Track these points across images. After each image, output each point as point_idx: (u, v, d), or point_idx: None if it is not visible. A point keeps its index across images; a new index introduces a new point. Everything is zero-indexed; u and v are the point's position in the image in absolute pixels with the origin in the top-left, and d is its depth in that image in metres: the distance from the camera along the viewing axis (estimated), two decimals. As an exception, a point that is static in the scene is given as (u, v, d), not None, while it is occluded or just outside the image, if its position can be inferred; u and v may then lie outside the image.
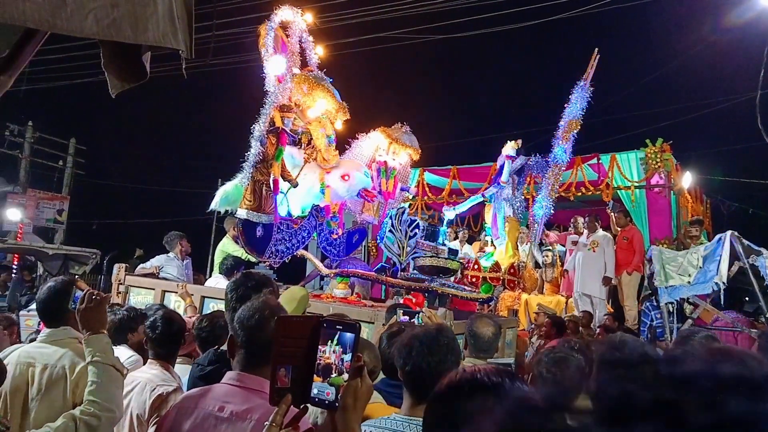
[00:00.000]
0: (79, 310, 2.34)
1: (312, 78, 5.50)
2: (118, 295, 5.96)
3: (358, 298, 6.04)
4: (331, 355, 1.38)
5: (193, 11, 1.95)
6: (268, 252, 5.51)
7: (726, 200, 14.14)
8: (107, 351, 2.31)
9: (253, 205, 5.14)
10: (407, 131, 6.56)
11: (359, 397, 1.37)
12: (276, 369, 1.39)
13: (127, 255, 11.94)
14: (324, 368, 1.38)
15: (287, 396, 1.37)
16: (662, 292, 6.55)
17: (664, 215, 9.49)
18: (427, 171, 11.97)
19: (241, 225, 5.19)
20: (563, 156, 8.93)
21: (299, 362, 1.38)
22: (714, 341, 2.63)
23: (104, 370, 2.26)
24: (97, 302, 2.34)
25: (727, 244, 6.16)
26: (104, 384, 2.24)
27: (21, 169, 17.38)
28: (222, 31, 12.17)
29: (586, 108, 8.53)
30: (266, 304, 1.97)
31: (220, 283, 5.89)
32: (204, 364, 2.68)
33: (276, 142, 5.32)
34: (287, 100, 5.36)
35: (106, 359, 2.28)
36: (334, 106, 5.74)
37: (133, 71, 1.99)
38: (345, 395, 1.36)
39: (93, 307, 2.33)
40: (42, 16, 1.51)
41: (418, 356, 1.99)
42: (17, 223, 15.80)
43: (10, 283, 10.46)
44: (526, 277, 9.43)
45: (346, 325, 1.41)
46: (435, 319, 3.47)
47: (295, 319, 1.56)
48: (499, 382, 1.17)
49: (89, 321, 2.32)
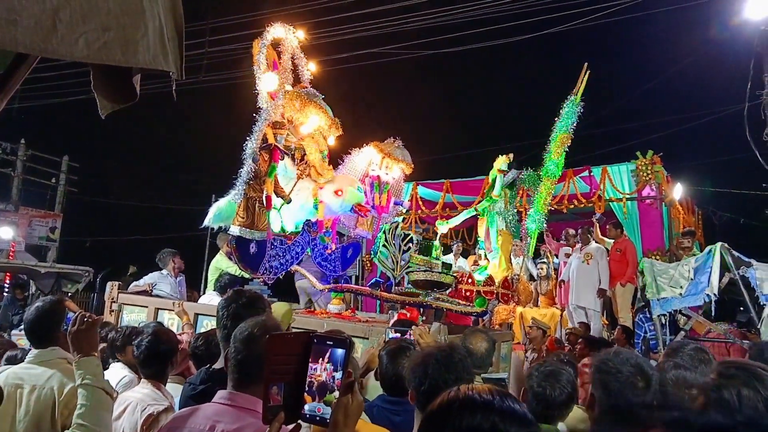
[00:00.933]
0: (70, 332, 2.32)
1: (304, 94, 5.53)
2: (111, 313, 5.94)
3: (352, 313, 6.03)
4: (322, 374, 1.39)
5: (183, 32, 1.97)
6: (262, 268, 5.51)
7: (717, 211, 14.25)
8: (97, 374, 2.29)
9: (245, 221, 5.14)
10: (399, 146, 6.59)
11: (350, 413, 1.38)
12: (268, 387, 1.39)
13: (121, 272, 11.89)
14: (319, 387, 1.38)
15: (280, 414, 1.38)
16: (654, 305, 6.57)
17: (656, 227, 9.56)
18: (420, 185, 12.02)
19: (235, 242, 5.19)
20: (555, 171, 9.01)
21: (291, 379, 1.39)
22: (703, 353, 2.64)
23: (94, 393, 2.24)
24: (89, 324, 2.33)
25: (717, 255, 6.21)
26: (93, 407, 2.22)
27: (13, 187, 17.32)
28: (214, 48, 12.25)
29: (575, 122, 8.62)
30: (259, 323, 1.97)
31: (214, 300, 5.87)
32: (196, 383, 2.66)
33: (269, 159, 5.33)
34: (280, 116, 5.39)
35: (96, 382, 2.27)
36: (327, 122, 5.77)
37: (123, 92, 2.00)
38: (336, 412, 1.37)
39: (84, 330, 2.32)
40: (33, 41, 1.53)
41: (434, 374, 1.96)
42: (9, 242, 15.71)
43: (2, 302, 10.38)
44: (520, 290, 9.44)
45: (336, 340, 1.42)
46: (426, 337, 3.47)
47: (287, 336, 1.56)
48: (491, 400, 1.18)
49: (80, 343, 2.31)
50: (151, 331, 3.15)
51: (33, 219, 17.28)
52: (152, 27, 1.77)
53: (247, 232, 5.18)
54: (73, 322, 2.34)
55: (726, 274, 6.23)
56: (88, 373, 2.27)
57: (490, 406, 1.16)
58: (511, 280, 8.98)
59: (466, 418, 1.14)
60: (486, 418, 1.13)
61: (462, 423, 1.14)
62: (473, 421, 1.13)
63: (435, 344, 2.88)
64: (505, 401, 1.18)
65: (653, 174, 9.61)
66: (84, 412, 2.21)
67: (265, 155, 5.27)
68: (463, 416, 1.15)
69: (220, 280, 6.19)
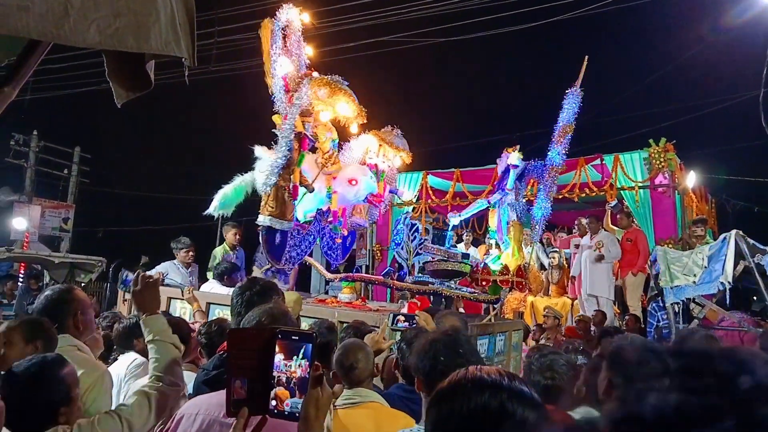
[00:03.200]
0: (133, 292, 2.41)
1: (333, 82, 5.41)
2: (124, 303, 5.98)
3: (362, 302, 6.04)
4: (297, 370, 1.39)
5: (195, 19, 1.96)
6: (283, 258, 5.49)
7: (731, 199, 14.10)
8: (164, 330, 2.37)
9: (275, 211, 5.07)
10: (398, 134, 6.53)
11: (320, 406, 1.40)
12: (231, 381, 1.41)
13: (133, 262, 11.97)
14: (298, 383, 1.38)
15: (243, 408, 1.39)
16: (668, 293, 6.53)
17: (669, 215, 9.47)
18: (430, 174, 11.96)
19: (265, 232, 5.15)
20: (557, 158, 8.90)
21: (254, 375, 1.40)
22: (713, 341, 2.62)
23: (164, 347, 2.34)
24: (151, 284, 2.41)
25: (731, 243, 6.14)
26: (166, 360, 2.32)
27: (26, 178, 17.47)
28: (224, 38, 12.23)
29: (578, 113, 8.51)
30: (266, 311, 1.99)
31: (215, 288, 5.92)
32: (209, 368, 2.68)
33: (298, 147, 5.27)
34: (308, 103, 5.29)
35: (165, 337, 2.35)
36: (355, 110, 5.69)
37: (138, 80, 2.00)
38: (306, 405, 1.38)
39: (146, 289, 2.39)
40: (45, 28, 1.53)
41: (444, 359, 1.93)
42: (23, 232, 15.86)
43: (17, 292, 10.51)
44: (531, 279, 9.41)
45: (302, 335, 1.43)
46: (431, 323, 3.48)
47: (249, 331, 1.58)
48: (499, 380, 1.19)
49: (143, 302, 2.39)
50: None
51: (46, 210, 17.43)
52: (164, 13, 1.76)
53: (277, 222, 5.12)
54: (134, 282, 2.41)
55: (741, 262, 6.17)
56: (156, 330, 2.35)
57: (498, 386, 1.17)
58: (523, 268, 8.96)
59: (474, 397, 1.15)
60: (494, 397, 1.15)
61: (470, 402, 1.15)
62: (481, 400, 1.14)
63: (438, 329, 2.90)
64: (513, 382, 1.19)
65: (666, 162, 9.50)
66: (159, 365, 2.30)
67: (295, 144, 5.20)
68: (471, 395, 1.16)
69: (218, 268, 6.22)
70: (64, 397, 2.03)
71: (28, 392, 1.97)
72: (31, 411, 1.95)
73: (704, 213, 10.72)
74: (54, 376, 2.03)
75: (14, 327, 2.50)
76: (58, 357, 2.17)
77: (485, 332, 4.95)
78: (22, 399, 1.93)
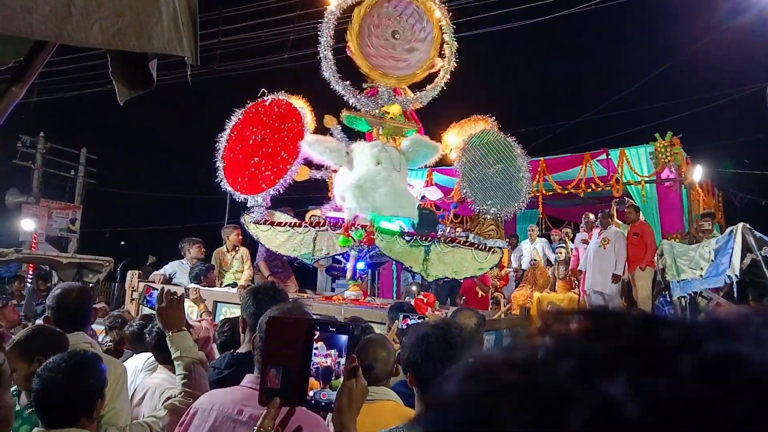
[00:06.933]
0: (158, 309, 2.48)
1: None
2: (132, 302, 6.02)
3: (365, 298, 6.07)
4: (326, 359, 1.39)
5: (197, 18, 1.97)
6: None
7: (738, 192, 14.00)
8: (190, 347, 2.48)
9: None
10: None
11: (354, 398, 1.37)
12: (266, 369, 1.39)
13: (140, 262, 12.05)
14: (323, 372, 1.38)
15: (275, 399, 1.36)
16: (674, 287, 6.51)
17: (676, 209, 9.41)
18: (435, 171, 11.94)
19: None
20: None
21: (290, 363, 1.37)
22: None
23: (191, 363, 2.44)
24: (175, 301, 2.49)
25: (738, 236, 6.11)
26: (193, 376, 2.42)
27: (34, 180, 17.57)
28: (228, 38, 12.26)
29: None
30: (285, 311, 1.98)
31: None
32: (221, 367, 2.69)
33: None
34: None
35: (190, 355, 2.45)
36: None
37: (141, 79, 2.02)
38: (340, 396, 1.36)
39: (170, 306, 2.47)
40: (49, 28, 1.54)
41: (435, 353, 1.86)
42: (31, 233, 15.97)
43: (25, 292, 10.59)
44: (537, 275, 9.40)
45: (339, 326, 1.43)
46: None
47: (287, 320, 1.55)
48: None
49: (169, 319, 2.47)
50: None
51: (53, 211, 17.52)
52: (166, 12, 1.77)
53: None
54: (159, 299, 2.48)
55: (748, 255, 6.14)
56: (182, 348, 2.45)
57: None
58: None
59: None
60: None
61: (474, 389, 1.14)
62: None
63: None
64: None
65: (672, 156, 9.43)
66: (187, 381, 2.41)
67: None
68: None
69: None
70: (100, 390, 2.05)
71: (71, 379, 1.96)
72: (73, 396, 1.97)
73: (711, 207, 10.66)
74: (96, 367, 2.06)
75: (25, 339, 2.43)
76: (96, 353, 2.25)
77: (493, 327, 4.97)
78: (64, 385, 1.93)
